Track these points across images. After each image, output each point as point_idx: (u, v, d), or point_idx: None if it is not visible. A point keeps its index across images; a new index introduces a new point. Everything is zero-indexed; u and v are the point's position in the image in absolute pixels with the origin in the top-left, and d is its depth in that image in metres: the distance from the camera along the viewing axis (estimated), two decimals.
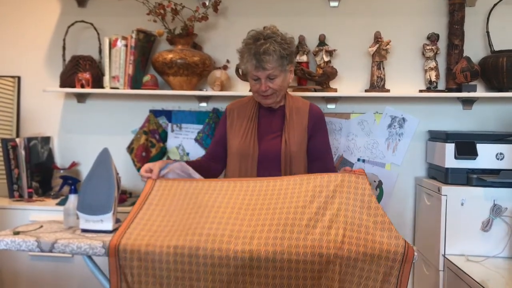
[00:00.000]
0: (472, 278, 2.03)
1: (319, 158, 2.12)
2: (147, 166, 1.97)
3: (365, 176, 1.76)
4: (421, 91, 2.77)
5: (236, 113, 2.17)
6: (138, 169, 2.93)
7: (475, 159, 2.43)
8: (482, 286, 1.93)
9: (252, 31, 2.04)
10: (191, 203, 1.77)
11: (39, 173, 2.89)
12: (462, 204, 2.36)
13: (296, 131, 2.08)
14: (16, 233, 1.73)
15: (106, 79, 2.80)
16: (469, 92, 2.64)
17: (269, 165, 2.04)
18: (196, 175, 2.00)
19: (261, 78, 1.99)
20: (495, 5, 2.72)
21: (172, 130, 2.97)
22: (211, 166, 2.19)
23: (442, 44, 2.78)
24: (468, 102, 2.79)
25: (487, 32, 2.74)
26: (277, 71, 1.98)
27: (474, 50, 2.75)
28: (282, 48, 1.97)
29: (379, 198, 2.82)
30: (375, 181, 2.82)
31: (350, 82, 2.86)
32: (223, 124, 2.20)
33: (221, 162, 2.20)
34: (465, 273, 2.11)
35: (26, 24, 3.06)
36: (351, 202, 1.68)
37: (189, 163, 2.06)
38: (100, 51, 2.94)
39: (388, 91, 2.75)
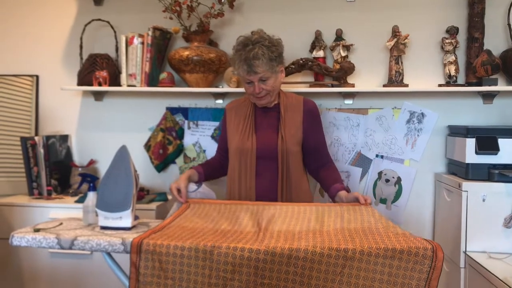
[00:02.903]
0: (495, 275, 1.99)
1: (315, 150, 2.23)
2: (175, 186, 2.08)
3: (372, 207, 1.94)
4: (440, 85, 2.73)
5: (234, 112, 2.28)
6: (156, 166, 2.94)
7: (496, 154, 2.39)
8: (504, 283, 1.90)
9: (240, 37, 2.15)
10: (222, 219, 1.88)
11: (58, 171, 2.92)
12: (483, 200, 2.32)
13: (292, 127, 2.17)
14: (37, 230, 1.74)
15: (123, 77, 2.81)
16: (490, 86, 2.59)
17: (267, 160, 2.15)
18: (214, 196, 2.22)
19: (254, 81, 2.09)
20: None
21: (189, 127, 2.97)
22: (223, 165, 2.32)
23: (461, 37, 2.73)
24: (488, 96, 2.74)
25: (508, 25, 2.68)
26: (268, 73, 2.08)
27: (495, 43, 2.70)
28: (270, 51, 2.07)
29: (398, 194, 2.79)
30: (393, 177, 2.79)
31: (367, 77, 2.83)
32: (224, 123, 2.32)
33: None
34: (487, 270, 2.08)
35: (43, 23, 3.08)
36: (365, 218, 1.83)
37: (203, 166, 2.28)
38: (117, 49, 2.95)
39: (406, 86, 2.71)
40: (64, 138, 3.02)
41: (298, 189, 2.18)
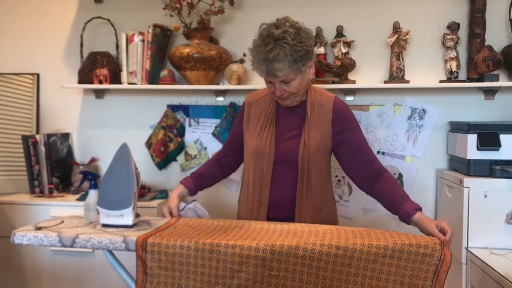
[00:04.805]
0: (497, 271, 1.99)
1: (355, 158, 1.92)
2: (166, 208, 1.95)
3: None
4: (441, 81, 2.72)
5: (254, 108, 2.00)
6: (157, 164, 2.94)
7: (498, 150, 2.38)
8: (507, 279, 1.89)
9: (263, 25, 1.82)
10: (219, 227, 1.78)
11: (59, 169, 2.92)
12: (485, 196, 2.31)
13: (317, 130, 1.89)
14: (38, 228, 1.74)
15: (124, 74, 2.81)
16: (491, 81, 2.58)
17: (286, 166, 1.89)
18: (207, 215, 2.04)
19: (275, 83, 1.81)
20: None
21: (190, 125, 2.97)
22: (223, 165, 2.13)
23: (462, 33, 2.72)
24: (490, 92, 2.73)
25: (510, 20, 2.67)
26: (291, 75, 1.78)
27: (496, 38, 2.69)
28: (294, 51, 1.74)
29: None
30: (395, 174, 2.79)
31: (368, 73, 2.82)
32: (241, 118, 2.05)
33: (239, 155, 2.10)
34: (489, 266, 2.07)
35: (44, 21, 3.08)
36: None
37: (195, 178, 2.05)
38: (117, 47, 2.95)
39: (407, 82, 2.70)
40: (65, 136, 3.02)
41: (319, 201, 1.92)
